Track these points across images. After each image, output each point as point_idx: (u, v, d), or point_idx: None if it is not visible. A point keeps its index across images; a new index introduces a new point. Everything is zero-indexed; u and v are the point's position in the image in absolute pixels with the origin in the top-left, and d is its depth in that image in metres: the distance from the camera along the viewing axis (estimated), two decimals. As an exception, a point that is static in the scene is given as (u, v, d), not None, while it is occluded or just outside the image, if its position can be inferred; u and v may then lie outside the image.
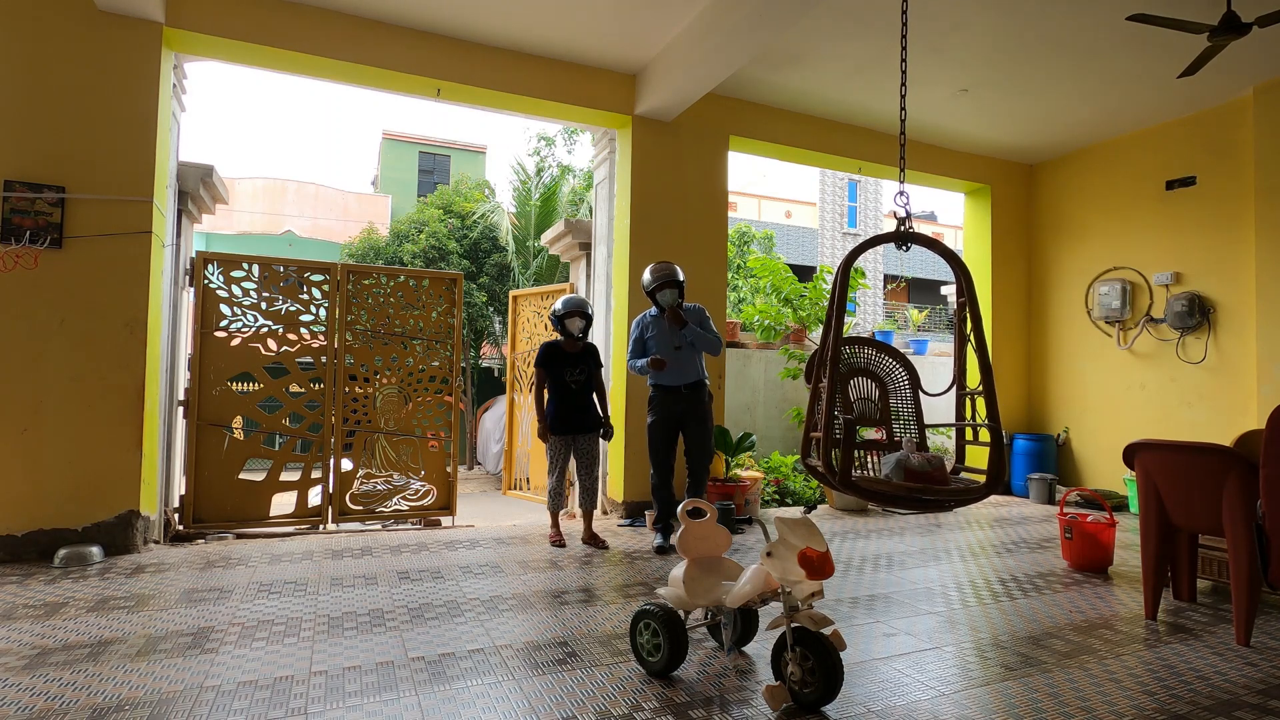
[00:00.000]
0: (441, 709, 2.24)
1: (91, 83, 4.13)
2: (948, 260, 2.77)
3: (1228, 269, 5.78)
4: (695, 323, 4.48)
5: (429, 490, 5.58)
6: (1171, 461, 3.18)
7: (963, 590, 3.71)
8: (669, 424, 4.49)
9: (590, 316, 4.75)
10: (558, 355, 4.66)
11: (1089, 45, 4.96)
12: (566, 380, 4.61)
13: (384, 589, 3.51)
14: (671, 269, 4.49)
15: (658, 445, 4.50)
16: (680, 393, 4.47)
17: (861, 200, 19.77)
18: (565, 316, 4.64)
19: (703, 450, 4.50)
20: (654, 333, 4.51)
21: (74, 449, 4.04)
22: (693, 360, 4.49)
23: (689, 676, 2.53)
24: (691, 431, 4.48)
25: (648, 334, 4.55)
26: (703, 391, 4.53)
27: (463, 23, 4.85)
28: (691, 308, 4.56)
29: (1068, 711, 2.30)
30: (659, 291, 4.46)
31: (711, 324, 4.59)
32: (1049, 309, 7.29)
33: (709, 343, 4.47)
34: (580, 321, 4.66)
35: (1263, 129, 5.49)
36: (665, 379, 4.47)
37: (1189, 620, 3.27)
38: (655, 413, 4.52)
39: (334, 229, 17.55)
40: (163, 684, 2.39)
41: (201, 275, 4.93)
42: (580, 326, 4.67)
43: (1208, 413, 5.86)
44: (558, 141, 13.48)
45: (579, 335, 4.67)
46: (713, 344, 4.48)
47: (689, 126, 5.78)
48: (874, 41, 4.96)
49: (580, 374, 4.64)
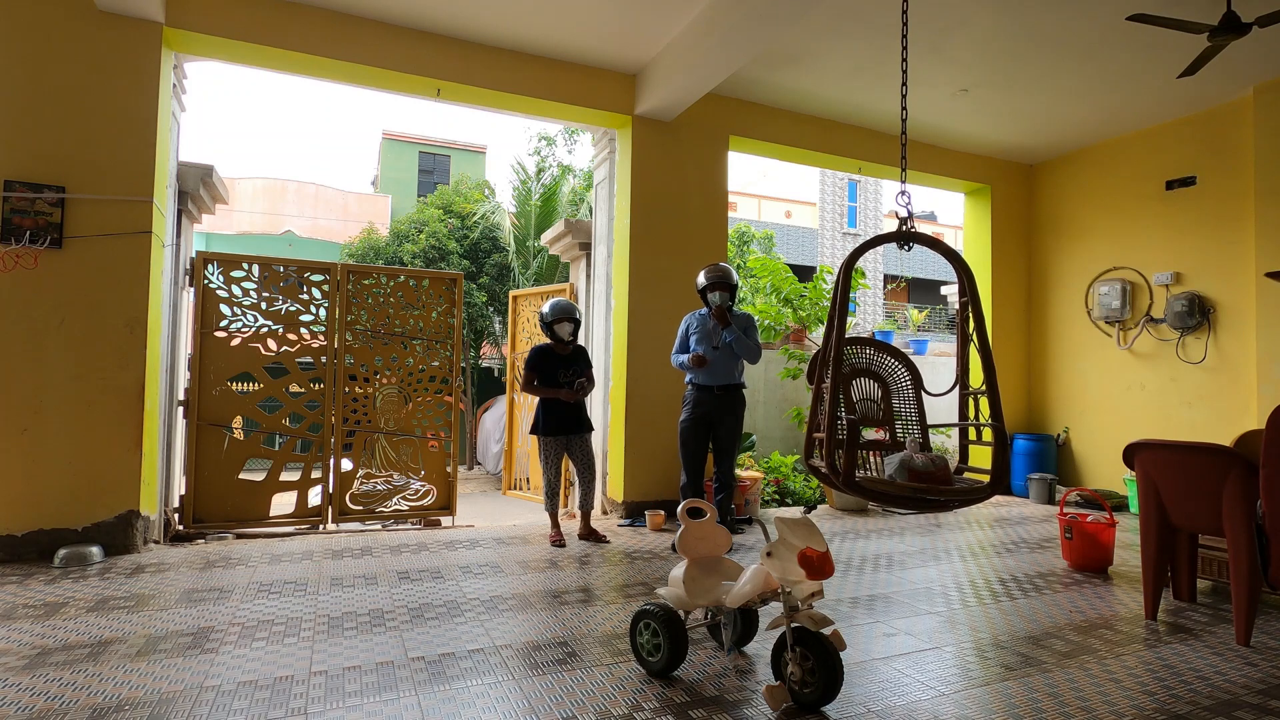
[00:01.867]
0: (441, 709, 2.24)
1: (91, 83, 4.13)
2: (950, 260, 2.77)
3: (1228, 269, 5.78)
4: (740, 328, 4.47)
5: (429, 490, 5.58)
6: (1171, 461, 3.18)
7: (963, 590, 3.71)
8: (699, 423, 4.48)
9: (578, 320, 4.76)
10: (549, 357, 4.68)
11: (1089, 45, 4.96)
12: (559, 382, 4.63)
13: (384, 589, 3.51)
14: (726, 271, 4.51)
15: (687, 444, 4.50)
16: (713, 392, 4.47)
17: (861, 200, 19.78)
18: (554, 322, 4.67)
19: (728, 453, 4.49)
20: (698, 331, 4.52)
21: (74, 449, 4.04)
22: (731, 363, 4.48)
23: (689, 676, 2.53)
24: (720, 433, 4.49)
25: (692, 331, 4.57)
26: (736, 395, 4.51)
27: (463, 23, 4.85)
28: (740, 314, 4.56)
29: (1068, 711, 2.30)
30: (710, 291, 4.46)
31: (756, 333, 4.58)
32: (1049, 309, 7.29)
33: (748, 349, 4.45)
34: (569, 326, 4.69)
35: (1263, 129, 5.49)
36: (701, 378, 4.48)
37: (1189, 620, 3.27)
38: (687, 411, 4.54)
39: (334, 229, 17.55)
40: (163, 684, 2.39)
41: (201, 275, 4.93)
42: (570, 330, 4.69)
43: (1208, 413, 5.86)
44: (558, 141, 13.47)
45: (568, 339, 4.69)
46: (752, 351, 4.47)
47: (689, 126, 5.78)
48: (874, 41, 4.96)
49: (572, 375, 4.66)
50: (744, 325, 4.51)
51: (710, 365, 4.44)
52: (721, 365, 4.45)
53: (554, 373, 4.66)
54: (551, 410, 4.63)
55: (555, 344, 4.71)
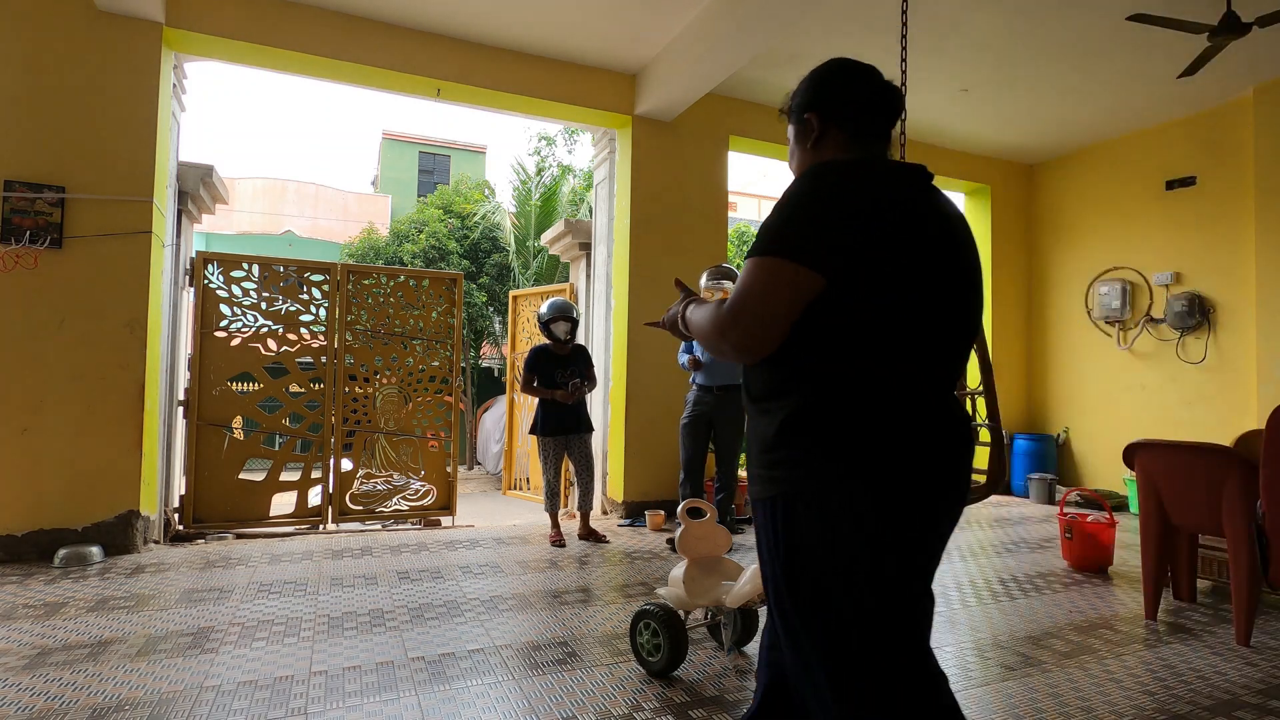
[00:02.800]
0: (441, 709, 2.24)
1: (91, 83, 4.13)
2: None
3: (1228, 269, 5.78)
4: None
5: (429, 490, 5.58)
6: (1171, 461, 3.18)
7: (963, 590, 3.71)
8: (699, 422, 4.48)
9: (575, 320, 4.75)
10: (548, 358, 4.68)
11: (1089, 45, 4.96)
12: (557, 382, 4.63)
13: (384, 589, 3.51)
14: (726, 272, 4.49)
15: (685, 444, 4.51)
16: (713, 393, 4.46)
17: (861, 200, 19.76)
18: (550, 321, 4.67)
19: (729, 454, 4.48)
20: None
21: (74, 449, 4.04)
22: (733, 364, 4.45)
23: (689, 676, 2.53)
24: (720, 434, 4.48)
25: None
26: (736, 395, 4.47)
27: (463, 23, 4.85)
28: None
29: (1068, 711, 2.30)
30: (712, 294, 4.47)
31: None
32: (1049, 309, 7.29)
33: None
34: (566, 325, 4.68)
35: (1263, 129, 5.49)
36: (702, 378, 4.49)
37: (1189, 620, 3.27)
38: (688, 410, 4.54)
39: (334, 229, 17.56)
40: (163, 684, 2.39)
41: (201, 275, 4.93)
42: (566, 330, 4.68)
43: (1208, 413, 5.86)
44: (558, 141, 13.48)
45: (565, 338, 4.69)
46: None
47: (689, 126, 5.78)
48: (873, 41, 4.96)
49: (569, 375, 4.66)
50: None
51: (711, 365, 4.44)
52: (723, 365, 4.43)
53: (552, 373, 4.65)
54: (551, 410, 4.63)
55: (554, 344, 4.71)
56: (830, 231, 1.18)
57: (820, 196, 1.22)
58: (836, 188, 1.22)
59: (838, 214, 1.19)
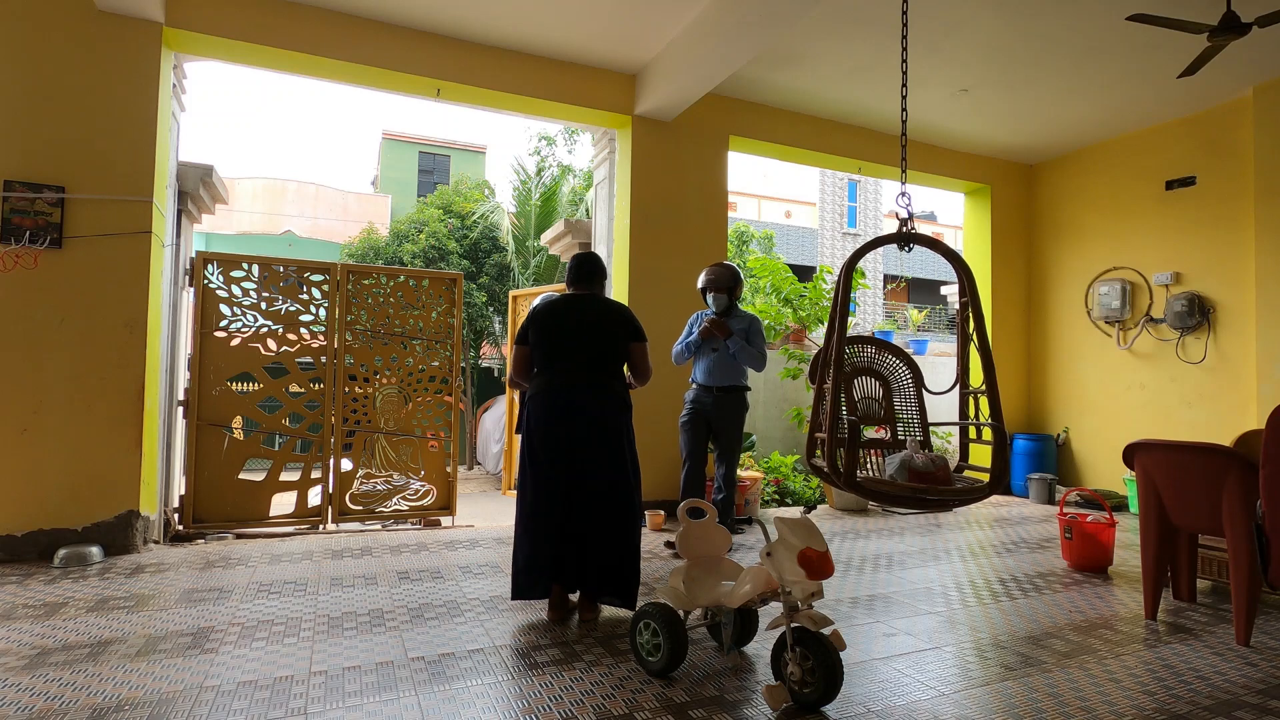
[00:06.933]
0: (441, 709, 2.24)
1: (91, 83, 4.13)
2: (950, 261, 2.77)
3: (1227, 269, 5.79)
4: (743, 335, 4.34)
5: (429, 490, 5.57)
6: (1171, 461, 3.18)
7: (963, 590, 3.71)
8: (698, 421, 4.42)
9: None
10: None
11: (1089, 45, 4.96)
12: None
13: (384, 589, 3.51)
14: (718, 274, 4.39)
15: (684, 444, 4.47)
16: (711, 392, 4.39)
17: (861, 200, 19.78)
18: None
19: (729, 455, 4.39)
20: (696, 333, 4.41)
21: (74, 449, 4.03)
22: (733, 364, 4.37)
23: (689, 676, 2.53)
24: (720, 435, 4.41)
25: (694, 331, 4.48)
26: (737, 397, 4.40)
27: (463, 23, 4.85)
28: (743, 316, 4.44)
29: (1068, 711, 2.30)
30: (707, 294, 4.43)
31: (761, 339, 4.40)
32: (1049, 309, 7.29)
33: (751, 357, 4.32)
34: None
35: (1263, 129, 5.49)
36: (702, 377, 4.43)
37: (1189, 620, 3.27)
38: (686, 409, 4.49)
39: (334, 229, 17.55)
40: (163, 684, 2.39)
41: (201, 275, 4.93)
42: None
43: (1208, 413, 5.86)
44: (558, 141, 13.47)
45: None
46: (756, 359, 4.33)
47: (689, 126, 5.78)
48: (874, 41, 4.96)
49: None
50: (747, 331, 4.39)
51: (711, 366, 4.41)
52: (723, 366, 4.39)
53: None
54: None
55: None
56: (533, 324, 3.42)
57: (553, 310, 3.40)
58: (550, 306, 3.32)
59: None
